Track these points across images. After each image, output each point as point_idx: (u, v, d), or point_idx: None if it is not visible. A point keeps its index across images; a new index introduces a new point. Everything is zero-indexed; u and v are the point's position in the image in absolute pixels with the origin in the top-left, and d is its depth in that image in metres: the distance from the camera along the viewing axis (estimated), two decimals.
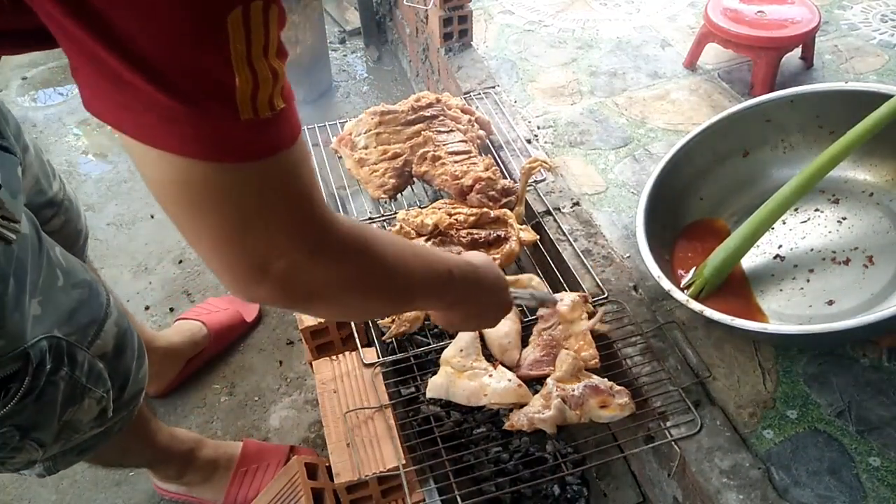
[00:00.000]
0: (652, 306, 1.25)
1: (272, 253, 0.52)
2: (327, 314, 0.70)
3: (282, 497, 1.11)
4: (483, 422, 1.20)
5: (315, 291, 0.57)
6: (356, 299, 0.63)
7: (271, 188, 0.50)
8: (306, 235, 0.53)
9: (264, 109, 0.46)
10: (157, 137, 0.45)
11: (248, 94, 0.45)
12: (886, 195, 1.27)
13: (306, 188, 0.52)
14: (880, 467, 1.01)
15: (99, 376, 0.82)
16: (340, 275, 0.58)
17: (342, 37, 2.73)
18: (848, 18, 2.03)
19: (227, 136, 0.46)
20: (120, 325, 0.87)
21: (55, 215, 1.06)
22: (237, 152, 0.47)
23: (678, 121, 1.71)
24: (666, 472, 1.10)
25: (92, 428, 0.86)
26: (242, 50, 0.43)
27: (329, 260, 0.56)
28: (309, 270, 0.55)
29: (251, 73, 0.44)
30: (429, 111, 1.53)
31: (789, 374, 1.14)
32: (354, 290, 0.61)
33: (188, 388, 1.55)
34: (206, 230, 0.50)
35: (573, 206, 1.47)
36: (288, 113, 0.49)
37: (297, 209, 0.52)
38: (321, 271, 0.56)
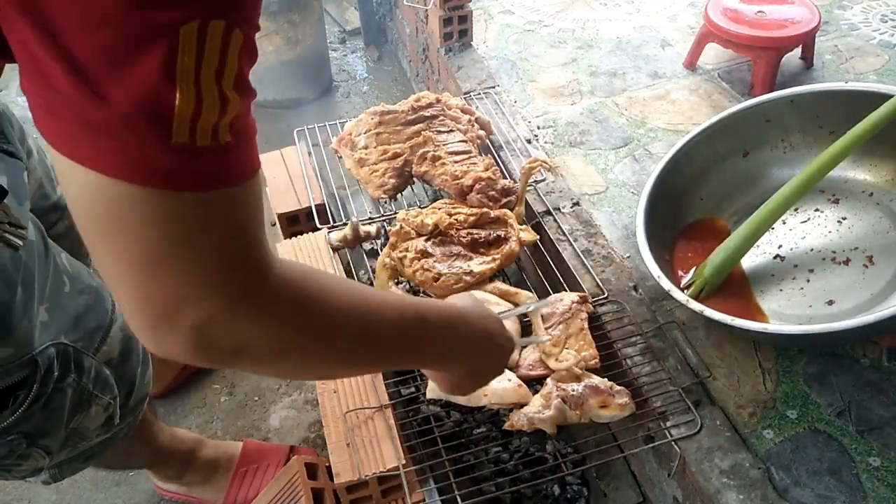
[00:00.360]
0: (652, 306, 1.25)
1: (183, 297, 0.45)
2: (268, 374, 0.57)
3: (282, 497, 1.11)
4: (483, 422, 1.20)
5: (238, 350, 0.48)
6: (297, 360, 0.54)
7: (196, 225, 0.43)
8: (228, 281, 0.46)
9: (204, 138, 0.41)
10: (78, 149, 0.41)
11: (188, 116, 0.40)
12: (886, 195, 1.27)
13: (238, 232, 0.46)
14: (880, 467, 1.01)
15: (106, 383, 0.82)
16: (266, 333, 0.49)
17: (342, 37, 2.73)
18: (848, 18, 2.03)
19: (154, 158, 0.40)
20: (125, 330, 0.87)
21: (60, 219, 1.05)
22: (162, 177, 0.41)
23: (678, 121, 1.71)
24: (666, 472, 1.10)
25: (98, 435, 0.86)
26: (190, 66, 0.39)
27: (253, 313, 0.47)
28: (228, 323, 0.46)
29: (195, 93, 0.40)
30: (429, 111, 1.53)
31: (789, 374, 1.14)
32: (286, 352, 0.52)
33: (188, 388, 1.55)
34: (117, 259, 0.44)
35: (573, 206, 1.47)
36: (238, 151, 0.44)
37: (221, 252, 0.45)
38: (244, 325, 0.47)
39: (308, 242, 1.38)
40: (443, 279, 1.23)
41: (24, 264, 0.71)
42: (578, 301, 1.20)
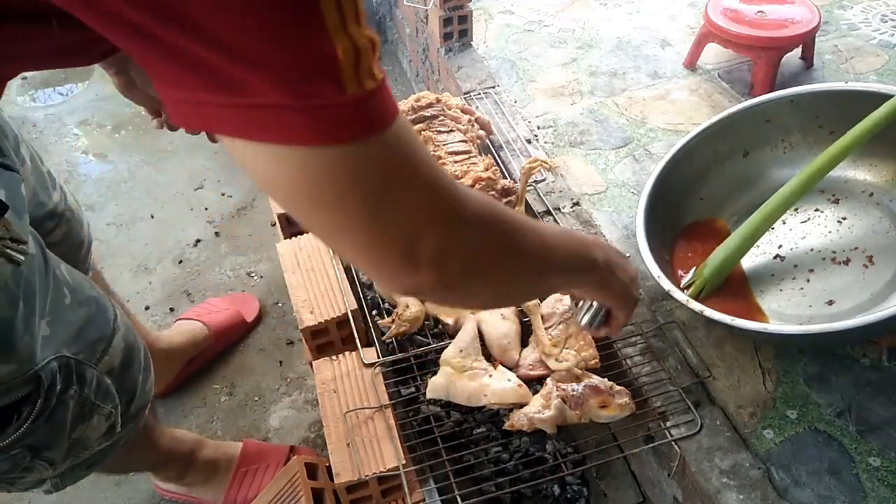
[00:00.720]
0: (652, 306, 1.25)
1: (415, 234, 0.49)
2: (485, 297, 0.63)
3: (282, 497, 1.11)
4: (483, 422, 1.20)
5: (470, 266, 0.54)
6: (504, 272, 0.60)
7: (394, 164, 0.47)
8: (441, 208, 0.51)
9: (367, 80, 0.44)
10: (270, 132, 0.42)
11: (351, 65, 0.42)
12: (886, 195, 1.27)
13: (426, 158, 0.50)
14: (880, 467, 1.01)
15: (107, 392, 0.82)
16: (487, 242, 0.55)
17: None
18: (848, 18, 2.03)
19: (339, 115, 0.43)
20: (127, 339, 0.86)
21: (56, 227, 1.05)
22: (353, 130, 0.44)
23: (678, 121, 1.71)
24: (666, 472, 1.10)
25: (100, 443, 0.86)
26: (337, 19, 0.41)
27: (471, 229, 0.54)
28: (457, 244, 0.52)
29: (350, 41, 0.42)
30: (429, 111, 1.53)
31: (789, 374, 1.14)
32: (502, 259, 0.58)
33: (188, 388, 1.55)
34: (343, 225, 0.47)
35: (573, 206, 1.47)
36: (386, 84, 0.46)
37: (425, 182, 0.49)
38: (468, 242, 0.53)
39: (308, 242, 1.38)
40: None
41: (25, 279, 0.70)
42: None
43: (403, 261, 0.50)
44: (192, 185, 2.07)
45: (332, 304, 1.24)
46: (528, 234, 0.62)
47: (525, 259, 0.63)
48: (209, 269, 1.81)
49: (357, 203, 0.46)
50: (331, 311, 1.22)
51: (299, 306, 1.24)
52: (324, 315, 1.22)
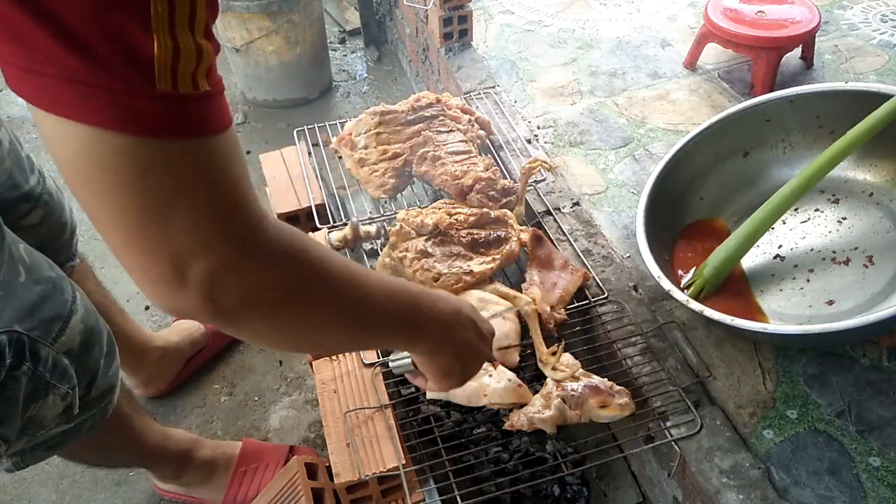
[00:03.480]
0: (652, 306, 1.25)
1: (192, 249, 0.47)
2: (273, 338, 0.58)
3: (282, 497, 1.11)
4: (483, 422, 1.20)
5: (244, 301, 0.50)
6: (294, 316, 0.56)
7: (192, 173, 0.45)
8: (231, 231, 0.48)
9: (185, 84, 0.43)
10: (66, 105, 0.41)
11: (168, 63, 0.42)
12: (886, 195, 1.27)
13: (233, 181, 0.48)
14: (880, 467, 1.01)
15: (64, 373, 0.81)
16: (272, 280, 0.51)
17: (342, 37, 2.73)
18: (848, 18, 2.03)
19: (143, 106, 0.42)
20: (87, 322, 0.86)
21: (33, 209, 1.06)
22: (152, 125, 0.43)
23: (678, 121, 1.71)
24: (666, 472, 1.10)
25: (58, 424, 0.85)
26: (164, 14, 0.41)
27: (258, 261, 0.50)
28: (234, 273, 0.49)
29: (172, 41, 0.42)
30: (429, 111, 1.53)
31: (789, 374, 1.14)
32: (291, 303, 0.54)
33: (188, 388, 1.55)
34: (118, 214, 0.45)
35: (573, 206, 1.47)
36: (216, 101, 0.46)
37: (221, 200, 0.47)
38: (249, 275, 0.50)
39: None
40: (443, 279, 1.23)
41: None
42: None
43: (169, 276, 0.47)
44: None
45: None
46: (339, 284, 0.58)
47: (331, 308, 0.58)
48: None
49: (135, 200, 0.44)
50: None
51: None
52: None
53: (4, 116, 2.38)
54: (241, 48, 2.19)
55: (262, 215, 0.51)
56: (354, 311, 0.61)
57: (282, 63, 2.24)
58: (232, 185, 0.48)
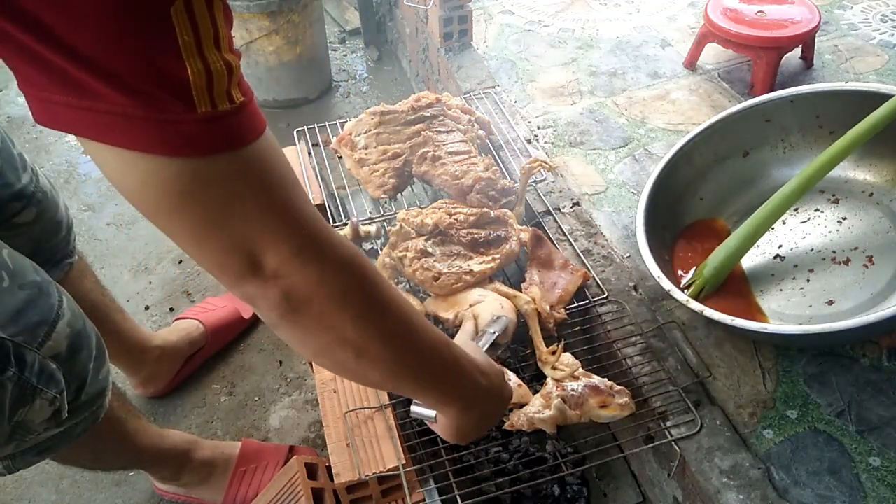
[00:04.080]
0: (652, 306, 1.25)
1: (259, 244, 0.51)
2: (317, 341, 0.60)
3: (282, 497, 1.11)
4: None
5: (308, 299, 0.54)
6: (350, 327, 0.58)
7: (245, 180, 0.49)
8: (290, 229, 0.52)
9: (222, 102, 0.46)
10: (118, 137, 0.44)
11: (203, 86, 0.44)
12: (886, 195, 1.27)
13: (284, 180, 0.52)
14: (880, 467, 1.01)
15: (51, 377, 0.81)
16: (334, 281, 0.55)
17: (342, 37, 2.73)
18: (848, 18, 2.03)
19: (188, 130, 0.45)
20: (74, 326, 0.86)
21: (25, 208, 1.06)
22: (200, 146, 0.46)
23: (678, 121, 1.71)
24: (666, 472, 1.10)
25: (47, 429, 0.85)
26: (191, 41, 0.43)
27: (320, 262, 0.54)
28: (301, 272, 0.53)
29: (203, 64, 0.44)
30: (429, 111, 1.53)
31: (789, 374, 1.14)
32: (348, 308, 0.57)
33: (188, 388, 1.55)
34: (188, 228, 0.50)
35: (573, 206, 1.47)
36: (250, 108, 0.49)
37: (275, 200, 0.51)
38: (313, 273, 0.54)
39: None
40: (443, 279, 1.23)
41: None
42: None
43: (246, 270, 0.52)
44: None
45: None
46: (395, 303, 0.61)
47: (382, 324, 0.61)
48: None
49: (200, 213, 0.49)
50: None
51: None
52: None
53: (4, 117, 2.39)
54: (240, 48, 2.18)
55: (320, 219, 0.55)
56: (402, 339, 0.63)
57: (282, 63, 2.24)
58: (285, 184, 0.52)
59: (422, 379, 0.69)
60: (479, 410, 0.78)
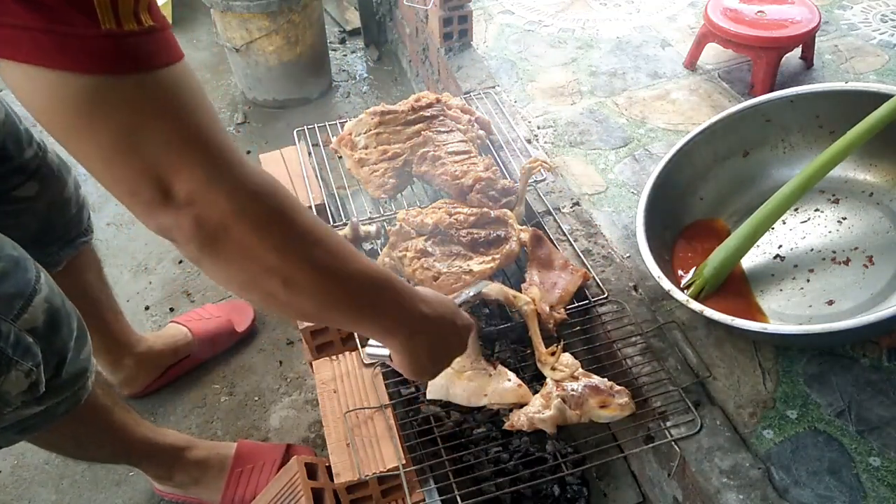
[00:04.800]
0: (652, 306, 1.25)
1: (171, 169, 0.50)
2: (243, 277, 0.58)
3: (282, 497, 1.11)
4: (483, 422, 1.20)
5: (224, 226, 0.53)
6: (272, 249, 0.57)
7: (155, 104, 0.49)
8: (202, 156, 0.52)
9: (128, 21, 0.46)
10: (23, 52, 0.45)
11: (107, 3, 0.45)
12: (886, 195, 1.27)
13: (198, 109, 0.52)
14: (880, 467, 1.01)
15: (28, 350, 0.81)
16: (250, 210, 0.54)
17: (342, 37, 2.73)
18: (848, 18, 2.03)
19: (92, 46, 0.45)
20: (52, 302, 0.86)
21: (26, 181, 1.06)
22: (104, 62, 0.46)
23: (678, 121, 1.71)
24: (666, 472, 1.10)
25: (25, 403, 0.85)
26: None
27: (238, 184, 0.54)
28: (214, 199, 0.52)
29: None
30: (429, 111, 1.53)
31: (789, 374, 1.14)
32: (269, 236, 0.56)
33: (188, 388, 1.55)
34: (95, 149, 0.49)
35: (573, 206, 1.47)
36: (162, 35, 0.50)
37: (188, 125, 0.51)
38: (229, 196, 0.53)
39: None
40: (442, 278, 1.23)
41: None
42: None
43: (156, 196, 0.51)
44: None
45: None
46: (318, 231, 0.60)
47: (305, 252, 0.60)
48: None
49: (107, 134, 0.48)
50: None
51: None
52: None
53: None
54: (241, 48, 2.19)
55: (238, 151, 0.54)
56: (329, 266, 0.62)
57: (282, 63, 2.24)
58: (195, 112, 0.52)
59: (356, 307, 0.68)
60: (427, 339, 0.77)
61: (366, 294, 0.68)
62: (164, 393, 1.54)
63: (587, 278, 1.27)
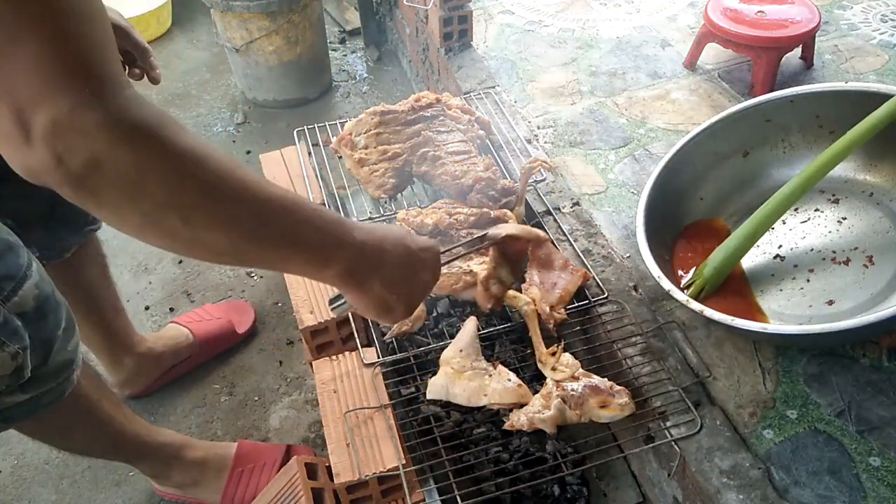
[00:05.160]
0: (652, 306, 1.25)
1: (32, 98, 0.44)
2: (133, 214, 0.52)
3: (282, 497, 1.11)
4: (483, 422, 1.20)
5: (96, 165, 0.47)
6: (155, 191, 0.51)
7: (27, 25, 0.43)
8: (75, 81, 0.45)
9: None
10: None
11: None
12: (886, 195, 1.27)
13: (80, 33, 0.46)
14: (880, 467, 1.01)
15: (15, 332, 0.82)
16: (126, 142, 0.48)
17: (342, 37, 2.73)
18: (848, 18, 2.03)
19: None
20: (42, 289, 0.87)
21: None
22: None
23: (678, 121, 1.71)
24: (666, 472, 1.10)
25: (9, 388, 0.85)
26: None
27: (107, 118, 0.47)
28: (79, 128, 0.46)
29: None
30: (429, 111, 1.53)
31: (789, 374, 1.14)
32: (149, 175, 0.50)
33: (188, 388, 1.55)
34: None
35: (573, 206, 1.47)
36: None
37: (62, 49, 0.45)
38: (97, 134, 0.46)
39: None
40: (442, 279, 1.23)
41: None
42: None
43: (13, 129, 0.45)
44: None
45: None
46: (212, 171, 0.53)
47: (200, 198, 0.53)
48: (209, 269, 1.81)
49: None
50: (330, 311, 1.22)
51: (299, 306, 1.24)
52: (324, 315, 1.22)
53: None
54: (241, 48, 2.19)
55: (116, 77, 0.48)
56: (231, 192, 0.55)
57: (282, 63, 2.24)
58: (76, 37, 0.46)
59: (273, 239, 0.61)
60: (376, 268, 0.70)
61: (282, 222, 0.60)
62: (164, 393, 1.54)
63: (587, 278, 1.27)
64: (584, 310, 1.27)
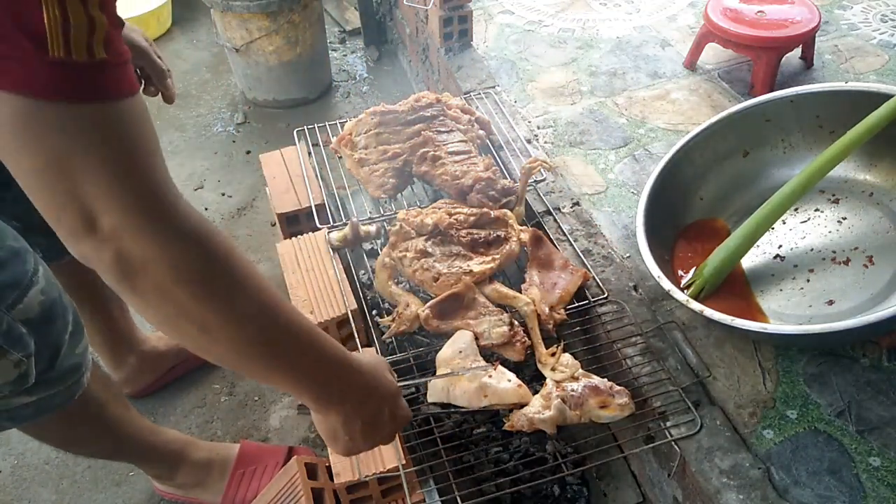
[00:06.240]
0: (652, 306, 1.25)
1: (99, 202, 0.51)
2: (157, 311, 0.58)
3: (282, 497, 1.11)
4: (483, 422, 1.20)
5: (143, 265, 0.53)
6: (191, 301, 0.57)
7: (91, 136, 0.49)
8: (131, 193, 0.52)
9: (80, 52, 0.47)
10: None
11: (59, 31, 0.46)
12: (886, 195, 1.27)
13: (138, 146, 0.52)
14: (880, 467, 1.01)
15: (19, 339, 0.82)
16: (172, 251, 0.54)
17: (342, 37, 2.73)
18: (848, 18, 2.03)
19: (38, 71, 0.46)
20: (48, 295, 0.87)
21: None
22: (48, 88, 0.47)
23: (678, 121, 1.71)
24: (666, 472, 1.10)
25: (14, 392, 0.85)
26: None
27: (166, 226, 0.54)
28: (138, 236, 0.52)
29: (61, 11, 0.45)
30: (429, 111, 1.53)
31: (789, 374, 1.14)
32: (187, 283, 0.56)
33: (188, 388, 1.55)
34: (25, 171, 0.50)
35: (573, 206, 1.47)
36: (115, 69, 0.50)
37: (125, 162, 0.51)
38: (150, 241, 0.53)
39: (308, 242, 1.38)
40: (442, 279, 1.23)
41: None
42: None
43: (79, 220, 0.51)
44: (191, 185, 2.07)
45: (331, 303, 1.24)
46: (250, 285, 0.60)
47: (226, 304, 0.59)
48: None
49: (42, 157, 0.49)
50: (331, 311, 1.23)
51: (299, 306, 1.24)
52: (324, 315, 1.22)
53: None
54: (241, 48, 2.19)
55: (172, 189, 0.55)
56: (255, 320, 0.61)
57: (282, 63, 2.24)
58: (135, 150, 0.52)
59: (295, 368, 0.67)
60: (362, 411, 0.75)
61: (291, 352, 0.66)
62: (165, 393, 1.54)
63: (587, 278, 1.27)
64: (584, 310, 1.27)
